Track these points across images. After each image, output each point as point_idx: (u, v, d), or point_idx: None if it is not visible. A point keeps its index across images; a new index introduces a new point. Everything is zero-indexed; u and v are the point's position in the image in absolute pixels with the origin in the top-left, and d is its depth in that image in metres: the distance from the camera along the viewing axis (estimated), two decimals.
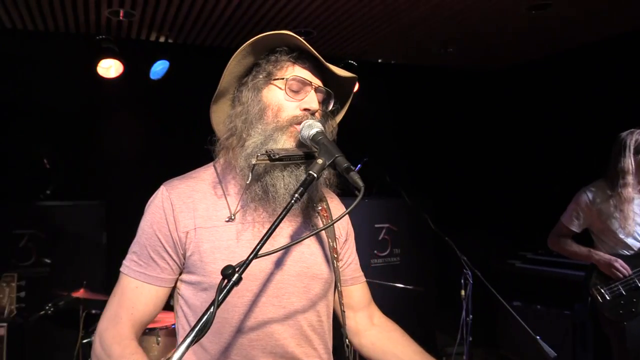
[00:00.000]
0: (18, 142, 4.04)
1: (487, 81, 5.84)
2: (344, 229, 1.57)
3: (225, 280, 1.02)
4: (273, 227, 1.10)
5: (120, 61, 4.27)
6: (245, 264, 1.04)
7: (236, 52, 1.35)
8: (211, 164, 1.46)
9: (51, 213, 3.98)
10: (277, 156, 1.26)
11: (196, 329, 0.96)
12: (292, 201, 1.13)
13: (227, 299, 1.29)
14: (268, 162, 1.27)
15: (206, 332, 0.97)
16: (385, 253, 4.61)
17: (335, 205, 1.55)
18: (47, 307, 2.30)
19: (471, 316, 3.28)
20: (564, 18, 4.14)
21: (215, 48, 4.74)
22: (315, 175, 1.18)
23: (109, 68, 4.31)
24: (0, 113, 4.01)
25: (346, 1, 3.77)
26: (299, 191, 1.14)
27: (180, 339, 1.33)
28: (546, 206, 3.84)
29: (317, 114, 1.38)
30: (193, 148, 1.63)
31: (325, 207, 1.51)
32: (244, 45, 1.33)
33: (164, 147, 4.43)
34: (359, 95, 5.28)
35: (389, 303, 4.25)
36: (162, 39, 4.55)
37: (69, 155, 4.30)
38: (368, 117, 5.38)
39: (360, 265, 1.65)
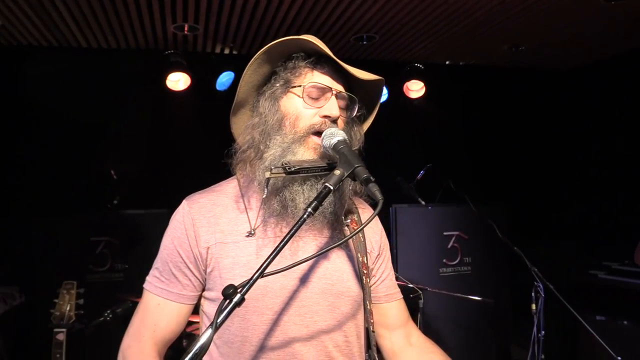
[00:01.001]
0: (93, 155, 4.26)
1: (563, 80, 5.46)
2: (377, 242, 1.47)
3: (227, 301, 0.97)
4: (282, 244, 1.04)
5: (188, 74, 4.41)
6: (248, 284, 0.99)
7: (251, 61, 1.30)
8: (235, 176, 1.41)
9: (126, 221, 4.14)
10: (293, 169, 1.20)
11: (191, 353, 0.92)
12: (305, 216, 1.06)
13: (247, 316, 1.25)
14: (284, 175, 1.21)
15: (202, 355, 0.93)
16: (455, 262, 4.41)
17: (368, 217, 1.46)
18: (105, 314, 2.39)
19: (543, 332, 3.06)
20: None
21: None
22: (332, 187, 1.10)
23: (178, 81, 4.46)
24: (76, 127, 4.24)
25: (407, 4, 3.66)
26: (313, 205, 1.07)
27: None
28: (634, 212, 3.52)
29: (339, 122, 1.31)
30: None
31: (355, 219, 1.43)
32: (258, 53, 1.29)
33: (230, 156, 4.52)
34: (427, 99, 5.13)
35: (462, 315, 4.14)
36: (226, 51, 4.64)
37: (143, 166, 4.48)
38: (437, 121, 5.22)
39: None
